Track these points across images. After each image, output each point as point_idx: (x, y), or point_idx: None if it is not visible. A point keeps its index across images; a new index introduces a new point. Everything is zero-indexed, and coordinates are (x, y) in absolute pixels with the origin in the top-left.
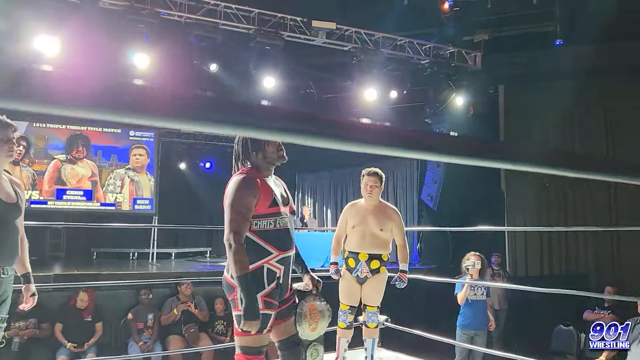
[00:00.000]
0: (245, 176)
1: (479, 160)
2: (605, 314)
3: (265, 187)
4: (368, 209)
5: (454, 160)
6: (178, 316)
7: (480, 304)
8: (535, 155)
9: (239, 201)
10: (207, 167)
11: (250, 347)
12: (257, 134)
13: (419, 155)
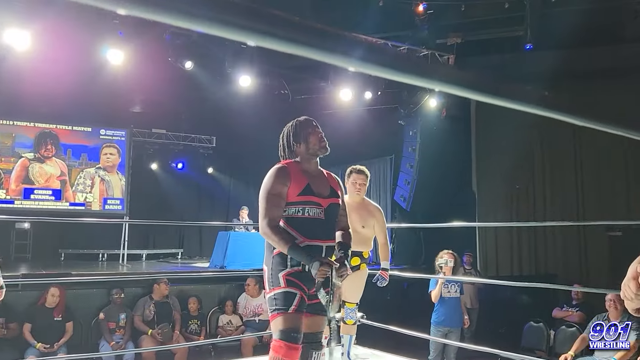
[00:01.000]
0: (279, 166)
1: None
2: (573, 311)
3: (298, 176)
4: (351, 205)
5: (451, 89)
6: (151, 315)
7: (454, 301)
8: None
9: (268, 189)
10: (179, 168)
11: (283, 330)
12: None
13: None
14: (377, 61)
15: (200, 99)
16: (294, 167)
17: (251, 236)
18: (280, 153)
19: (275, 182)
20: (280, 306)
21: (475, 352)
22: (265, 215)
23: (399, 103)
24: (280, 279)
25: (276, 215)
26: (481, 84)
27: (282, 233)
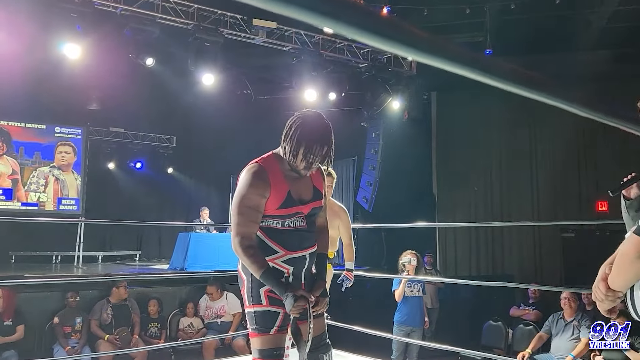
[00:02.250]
0: (256, 169)
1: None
2: (530, 310)
3: (277, 182)
4: None
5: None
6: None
7: (417, 300)
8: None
9: (244, 200)
10: (138, 168)
11: (263, 350)
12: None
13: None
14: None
15: (160, 98)
16: (274, 169)
17: (212, 237)
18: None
19: (252, 193)
20: (260, 326)
21: (436, 351)
22: (238, 232)
23: (362, 105)
24: (262, 296)
25: (251, 232)
26: (460, 55)
27: (256, 255)
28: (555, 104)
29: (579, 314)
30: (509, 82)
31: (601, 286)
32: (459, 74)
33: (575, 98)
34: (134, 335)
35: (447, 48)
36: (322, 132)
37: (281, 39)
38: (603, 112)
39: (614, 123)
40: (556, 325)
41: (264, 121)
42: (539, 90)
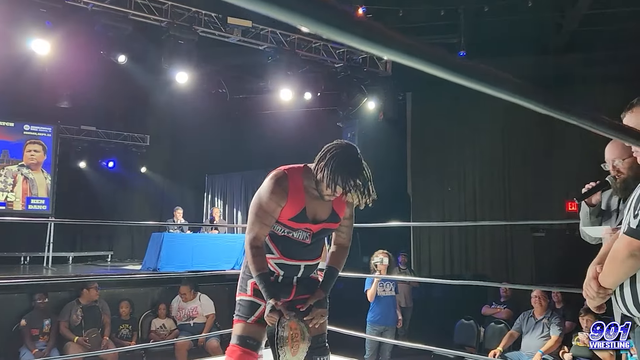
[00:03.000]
0: (282, 175)
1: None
2: (501, 308)
3: (296, 196)
4: None
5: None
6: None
7: (390, 299)
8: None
9: (262, 205)
10: (110, 167)
11: (239, 336)
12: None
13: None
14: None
15: (133, 96)
16: (296, 182)
17: (186, 237)
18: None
19: (271, 199)
20: (242, 314)
21: (410, 349)
22: (251, 230)
23: (337, 105)
24: (248, 287)
25: (262, 233)
26: (431, 55)
27: (259, 256)
28: (523, 103)
29: (548, 312)
30: (477, 80)
31: (593, 284)
32: (433, 75)
33: (542, 98)
34: (105, 337)
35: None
36: (354, 166)
37: (256, 37)
38: (564, 110)
39: (575, 121)
40: (527, 323)
41: (239, 120)
42: (505, 90)
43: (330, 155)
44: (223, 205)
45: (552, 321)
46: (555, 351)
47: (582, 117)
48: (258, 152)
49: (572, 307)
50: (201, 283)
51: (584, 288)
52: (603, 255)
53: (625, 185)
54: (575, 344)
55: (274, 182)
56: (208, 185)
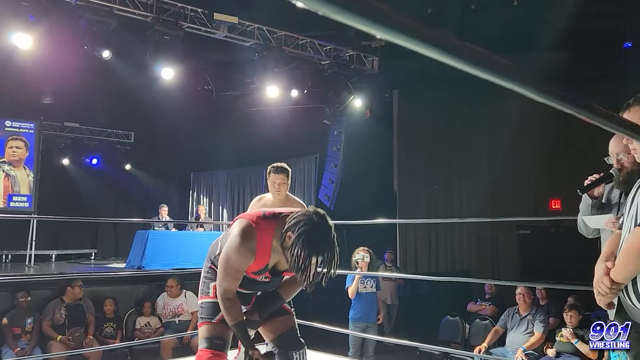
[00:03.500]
0: (251, 234)
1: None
2: (486, 305)
3: (263, 252)
4: (275, 203)
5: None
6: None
7: (371, 296)
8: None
9: (230, 263)
10: (94, 164)
11: (206, 338)
12: None
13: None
14: None
15: (118, 92)
16: (265, 241)
17: (171, 235)
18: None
19: (240, 258)
20: (205, 315)
21: (396, 346)
22: (222, 284)
23: (324, 102)
24: (211, 289)
25: (233, 287)
26: (432, 37)
27: (233, 308)
28: (509, 86)
29: (533, 309)
30: (465, 60)
31: (605, 280)
32: (419, 73)
33: (528, 80)
34: (88, 335)
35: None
36: (322, 245)
37: (243, 34)
38: (554, 95)
39: (565, 108)
40: (511, 319)
41: (225, 117)
42: (493, 70)
43: (300, 231)
44: (209, 202)
45: (537, 318)
46: (539, 347)
47: (577, 105)
48: (244, 150)
49: (556, 303)
50: (187, 281)
51: (595, 286)
52: (609, 253)
53: (628, 179)
54: (558, 339)
55: (242, 242)
56: (194, 183)
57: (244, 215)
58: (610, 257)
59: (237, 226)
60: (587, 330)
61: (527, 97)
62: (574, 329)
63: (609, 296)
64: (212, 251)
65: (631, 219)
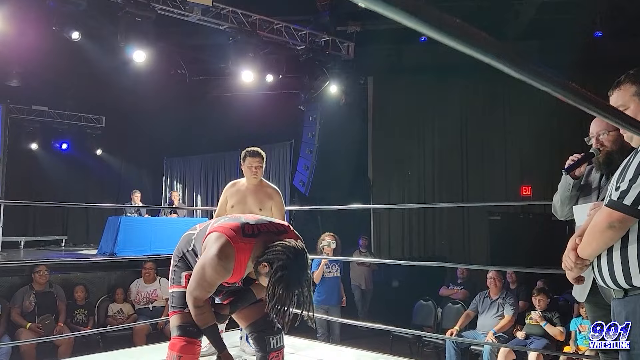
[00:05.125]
0: (229, 253)
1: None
2: (458, 289)
3: (238, 270)
4: (249, 188)
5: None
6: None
7: (334, 280)
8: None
9: (206, 278)
10: (64, 149)
11: (179, 326)
12: None
13: None
14: None
15: (88, 75)
16: (242, 260)
17: (144, 221)
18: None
19: (215, 276)
20: (177, 305)
21: (370, 331)
22: (193, 292)
23: (300, 88)
24: (182, 279)
25: (204, 297)
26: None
27: (204, 314)
28: (484, 59)
29: (503, 292)
30: (442, 31)
31: (571, 255)
32: (393, 59)
33: (504, 54)
34: (59, 323)
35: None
36: (298, 283)
37: (217, 17)
38: (529, 71)
39: (539, 84)
40: (482, 303)
41: (199, 102)
42: (464, 40)
43: (277, 265)
44: (182, 188)
45: (507, 301)
46: (509, 330)
47: (552, 83)
48: (218, 135)
49: (525, 287)
50: (161, 267)
51: (563, 259)
52: (583, 229)
53: (609, 160)
54: (528, 322)
55: (219, 262)
56: (167, 169)
57: (223, 229)
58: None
59: (215, 242)
60: (554, 312)
61: (499, 85)
62: (542, 311)
63: (575, 271)
64: (184, 244)
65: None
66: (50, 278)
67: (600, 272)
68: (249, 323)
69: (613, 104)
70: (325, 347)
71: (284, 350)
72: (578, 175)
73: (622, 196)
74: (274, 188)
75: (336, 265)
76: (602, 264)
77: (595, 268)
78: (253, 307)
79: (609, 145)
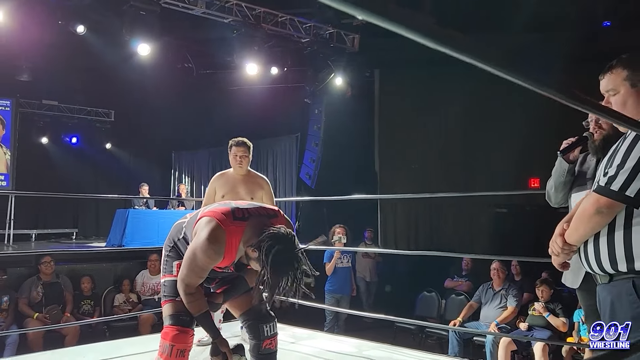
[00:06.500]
0: (220, 236)
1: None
2: (462, 281)
3: (230, 253)
4: (237, 178)
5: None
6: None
7: (346, 270)
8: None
9: (197, 262)
10: (73, 143)
11: (171, 315)
12: None
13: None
14: None
15: (96, 69)
16: (233, 243)
17: (152, 214)
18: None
19: (206, 260)
20: (169, 294)
21: (374, 323)
22: (184, 279)
23: (304, 81)
24: (174, 268)
25: (195, 283)
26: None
27: (196, 301)
28: (470, 61)
29: (506, 284)
30: (427, 37)
31: (558, 240)
32: (400, 52)
33: (491, 56)
34: (66, 313)
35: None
36: (289, 265)
37: (221, 10)
38: (517, 72)
39: (529, 85)
40: (485, 294)
41: (206, 96)
42: (451, 45)
43: (266, 247)
44: (190, 182)
45: (510, 292)
46: (512, 321)
47: (540, 83)
48: (225, 129)
49: (530, 279)
50: None
51: (550, 244)
52: (572, 215)
53: (604, 143)
54: (531, 313)
55: (210, 245)
56: (175, 162)
57: (214, 213)
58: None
59: (206, 226)
60: (557, 303)
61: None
62: (545, 303)
63: (562, 256)
64: (175, 233)
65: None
66: (57, 269)
67: (586, 258)
68: (243, 312)
69: (603, 87)
70: (326, 337)
71: (277, 337)
72: (572, 160)
73: (609, 182)
74: (263, 177)
75: (347, 256)
76: (588, 249)
77: (582, 253)
78: (246, 296)
79: (607, 128)
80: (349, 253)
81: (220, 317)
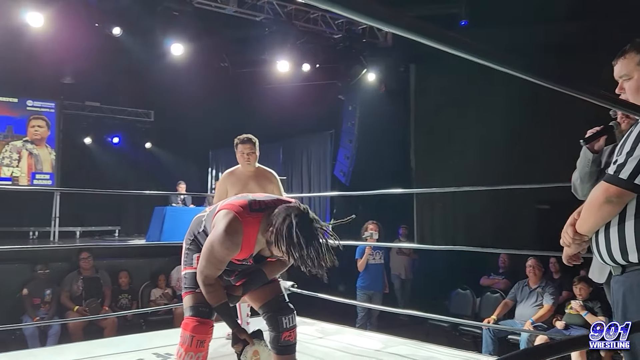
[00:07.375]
0: (237, 228)
1: None
2: (499, 279)
3: (248, 245)
4: (247, 175)
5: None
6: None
7: (378, 267)
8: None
9: (215, 255)
10: (115, 142)
11: (191, 306)
12: None
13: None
14: None
15: (135, 71)
16: (250, 235)
17: (188, 211)
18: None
19: (224, 252)
20: (189, 285)
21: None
22: (203, 271)
23: (336, 77)
24: (194, 260)
25: (214, 274)
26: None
27: (215, 292)
28: (493, 65)
29: (543, 282)
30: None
31: (569, 230)
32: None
33: (511, 61)
34: (104, 306)
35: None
36: (308, 239)
37: (253, 8)
38: (540, 75)
39: (553, 86)
40: (521, 292)
41: (242, 95)
42: (471, 52)
43: (284, 226)
44: None
45: (546, 290)
46: (548, 319)
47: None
48: (261, 126)
49: (570, 277)
50: None
51: (562, 235)
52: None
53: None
54: (568, 311)
55: (228, 236)
56: (212, 160)
57: (231, 206)
58: None
59: (223, 219)
60: (596, 302)
61: None
62: (583, 301)
63: (573, 247)
64: (194, 226)
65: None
66: (97, 264)
67: (598, 248)
68: (262, 304)
69: (617, 73)
70: (354, 333)
71: (296, 329)
72: (597, 150)
73: (618, 170)
74: (271, 172)
75: (380, 252)
76: (599, 239)
77: (594, 244)
78: (265, 288)
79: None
80: (381, 249)
81: (248, 310)
